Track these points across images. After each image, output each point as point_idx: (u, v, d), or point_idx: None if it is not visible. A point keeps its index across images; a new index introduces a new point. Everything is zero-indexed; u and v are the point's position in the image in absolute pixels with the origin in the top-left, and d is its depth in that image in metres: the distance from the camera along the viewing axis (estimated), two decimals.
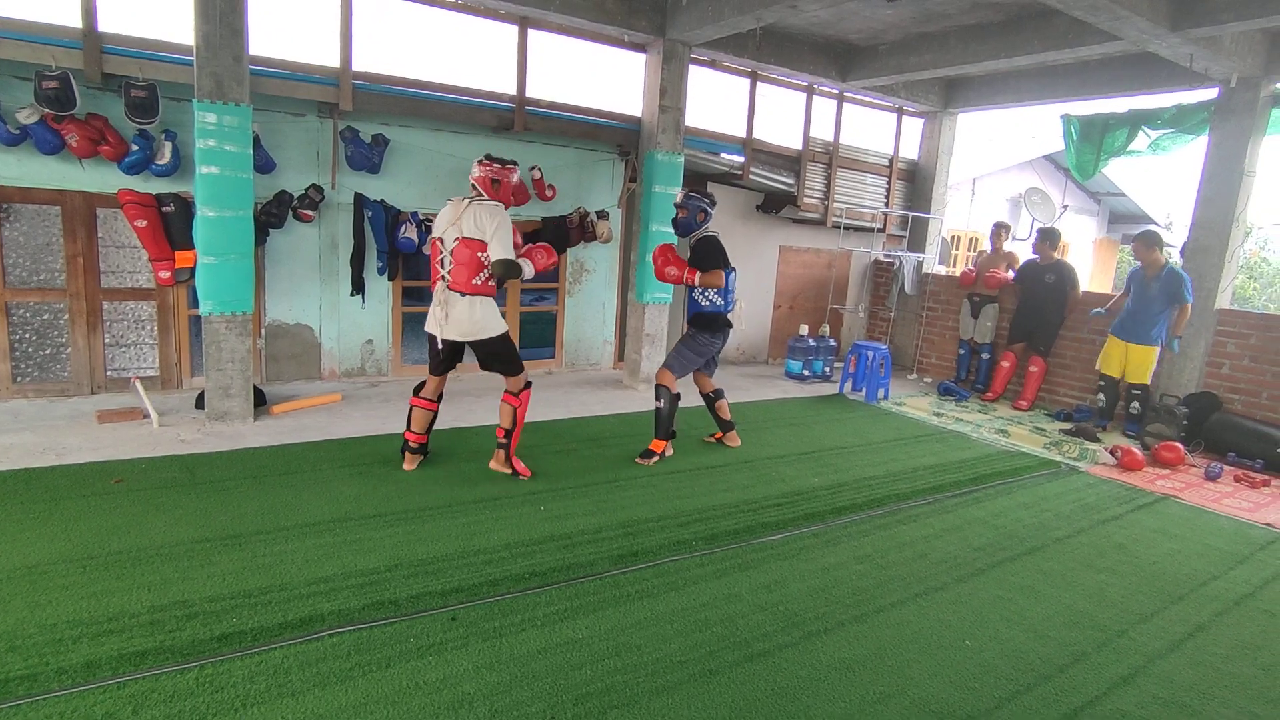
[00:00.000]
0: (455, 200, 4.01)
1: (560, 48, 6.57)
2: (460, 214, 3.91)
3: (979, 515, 4.22)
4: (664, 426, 4.74)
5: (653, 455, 4.72)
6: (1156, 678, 2.72)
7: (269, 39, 5.22)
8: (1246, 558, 3.90)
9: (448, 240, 3.95)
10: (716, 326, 4.78)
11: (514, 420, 4.19)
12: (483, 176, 3.98)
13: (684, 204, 4.71)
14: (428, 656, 2.50)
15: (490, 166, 3.98)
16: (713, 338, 4.79)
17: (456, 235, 3.90)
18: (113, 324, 5.36)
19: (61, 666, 2.30)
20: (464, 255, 3.89)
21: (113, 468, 3.97)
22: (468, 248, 3.88)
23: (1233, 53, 5.59)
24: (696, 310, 4.76)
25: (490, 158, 4.02)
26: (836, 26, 6.81)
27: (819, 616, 2.96)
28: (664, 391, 4.71)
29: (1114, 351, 6.24)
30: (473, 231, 3.86)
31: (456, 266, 3.92)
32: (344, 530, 3.41)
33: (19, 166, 4.83)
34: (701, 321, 4.77)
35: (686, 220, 4.70)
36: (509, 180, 4.03)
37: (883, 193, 8.90)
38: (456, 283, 3.93)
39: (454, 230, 3.92)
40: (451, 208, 3.98)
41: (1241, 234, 6.26)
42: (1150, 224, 13.84)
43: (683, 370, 4.78)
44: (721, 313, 4.76)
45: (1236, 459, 5.62)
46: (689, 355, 4.78)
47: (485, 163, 4.00)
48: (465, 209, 3.91)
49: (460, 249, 3.89)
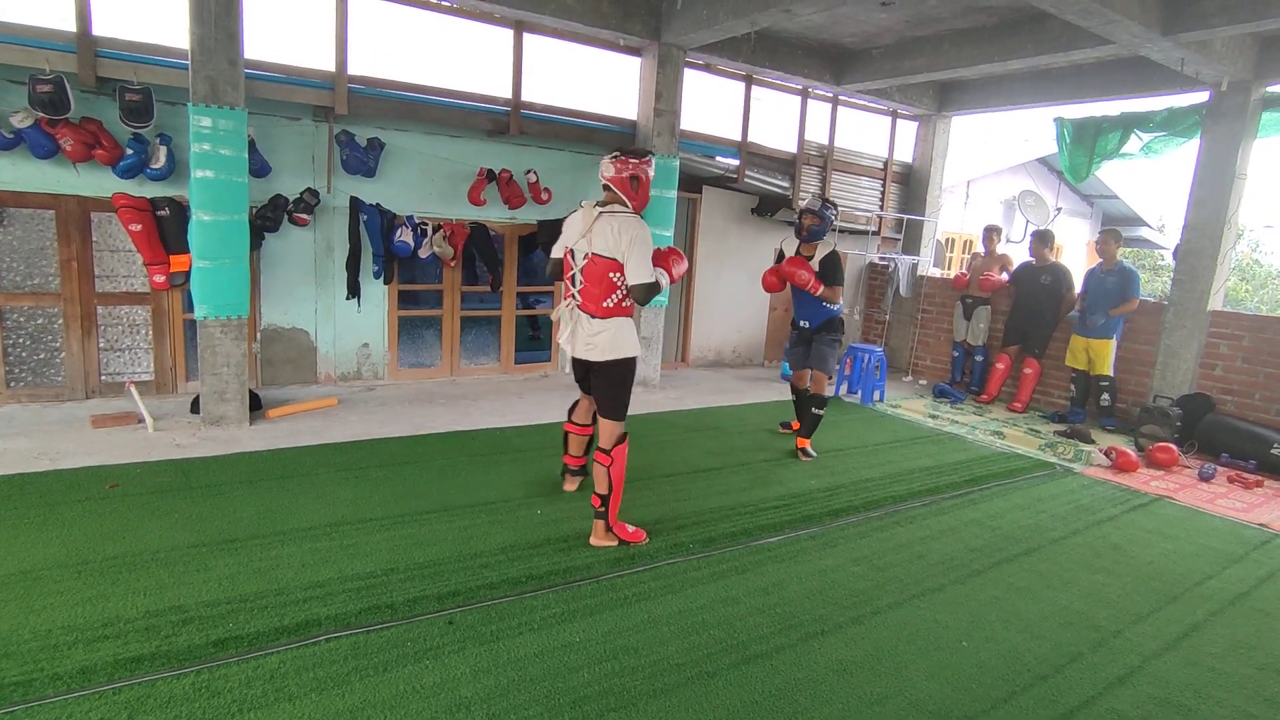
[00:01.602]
0: (587, 206, 3.42)
1: (556, 51, 6.58)
2: (591, 225, 3.34)
3: (975, 517, 4.23)
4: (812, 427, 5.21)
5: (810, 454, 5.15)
6: (1152, 678, 2.73)
7: (264, 43, 5.22)
8: (1241, 558, 3.92)
9: (578, 254, 3.41)
10: (841, 327, 5.21)
11: (609, 484, 3.42)
12: (617, 176, 3.35)
13: (819, 212, 4.92)
14: (425, 660, 2.50)
15: (627, 162, 3.35)
16: (840, 336, 5.20)
17: (587, 250, 3.36)
18: (107, 328, 5.34)
19: (56, 672, 2.29)
20: (595, 273, 3.35)
21: (107, 473, 3.95)
22: (599, 265, 3.33)
23: (1223, 57, 5.63)
24: (828, 315, 5.08)
25: (625, 151, 3.40)
26: (831, 30, 6.83)
27: (816, 618, 2.96)
28: (824, 402, 5.17)
29: (1076, 347, 6.66)
30: (604, 249, 3.30)
31: (587, 285, 3.39)
32: (340, 534, 3.40)
33: (13, 170, 4.82)
34: (836, 326, 5.13)
35: (819, 229, 4.93)
36: (649, 175, 3.42)
37: (877, 195, 8.93)
38: (587, 303, 3.41)
39: (584, 244, 3.37)
40: (582, 215, 3.41)
41: (1234, 236, 6.30)
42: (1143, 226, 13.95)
43: (833, 371, 5.32)
44: (839, 314, 5.14)
45: (1230, 460, 5.65)
46: (835, 356, 5.20)
47: (620, 159, 3.35)
48: (596, 220, 3.33)
49: (591, 267, 3.36)
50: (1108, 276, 6.47)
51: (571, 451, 4.14)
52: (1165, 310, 6.38)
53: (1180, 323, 6.26)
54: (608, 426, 3.50)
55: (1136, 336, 6.60)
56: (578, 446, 4.13)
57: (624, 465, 3.47)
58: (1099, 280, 6.53)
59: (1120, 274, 6.44)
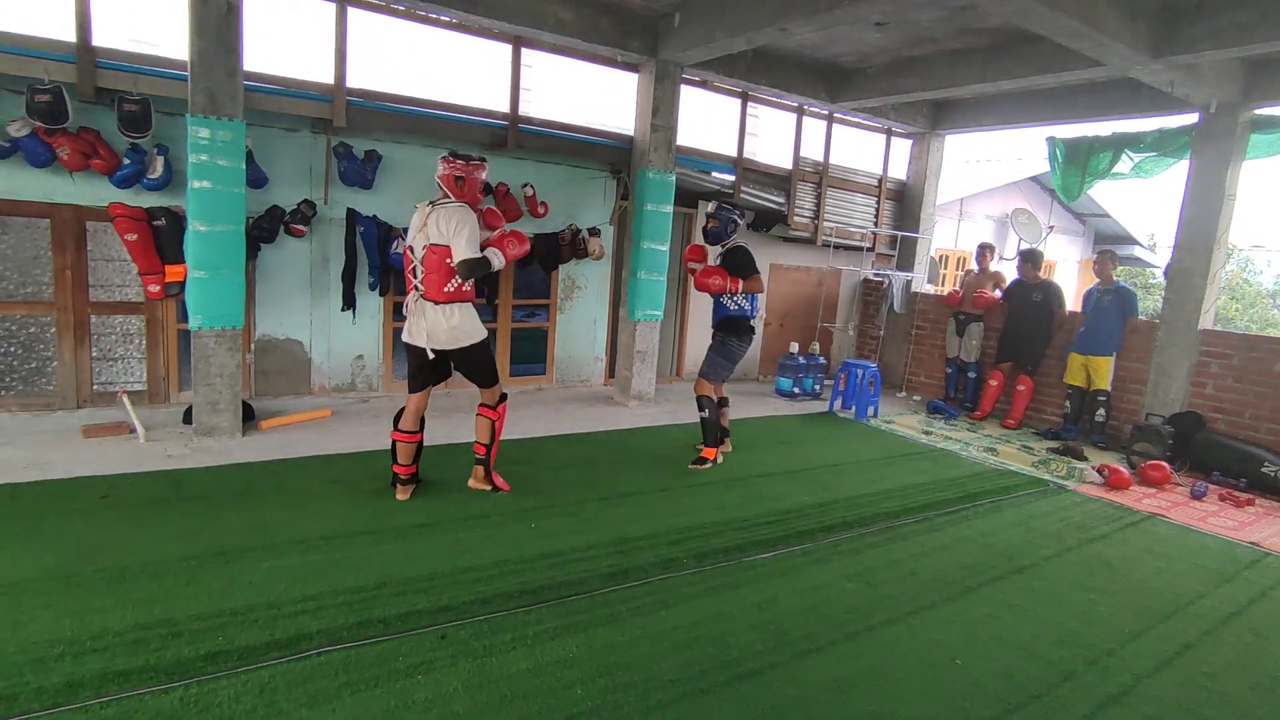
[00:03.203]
0: (421, 205, 3.88)
1: (554, 67, 6.66)
2: (425, 220, 3.78)
3: (968, 533, 4.24)
4: (712, 433, 4.93)
5: (706, 462, 4.91)
6: (1145, 697, 2.73)
7: (264, 55, 5.25)
8: (1232, 576, 3.93)
9: (417, 248, 3.83)
10: (743, 331, 4.92)
11: (491, 434, 4.15)
12: (446, 174, 3.81)
13: (716, 214, 4.91)
14: (417, 675, 2.48)
15: (454, 164, 3.81)
16: (740, 342, 4.92)
17: (424, 242, 3.77)
18: (100, 337, 5.32)
19: (42, 686, 2.26)
20: (433, 262, 3.76)
21: (98, 483, 3.92)
22: (435, 254, 3.74)
23: (1211, 80, 5.72)
24: (724, 315, 4.89)
25: (454, 154, 3.85)
26: (826, 49, 6.91)
27: (809, 635, 2.96)
28: (705, 401, 4.89)
29: (1075, 364, 6.74)
30: (437, 237, 3.72)
31: (428, 275, 3.79)
32: (332, 548, 3.38)
33: (9, 179, 4.81)
34: (729, 326, 4.91)
35: (718, 230, 4.91)
36: (474, 177, 3.84)
37: (872, 212, 9.00)
38: (429, 292, 3.79)
39: (421, 238, 3.79)
40: (418, 214, 3.86)
41: (1223, 256, 6.37)
42: (1135, 244, 14.07)
43: (718, 377, 4.96)
44: (747, 317, 4.90)
45: (1221, 478, 5.67)
46: (721, 362, 4.92)
47: (449, 160, 3.83)
48: (429, 214, 3.77)
49: (429, 256, 3.76)
50: (1104, 296, 6.63)
51: (400, 460, 4.04)
52: (1156, 329, 6.44)
53: (1171, 341, 6.30)
54: (487, 393, 4.11)
55: (1129, 354, 6.65)
56: (406, 455, 4.03)
57: (504, 420, 4.18)
58: (1096, 300, 6.67)
59: (1117, 294, 6.61)
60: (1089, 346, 6.61)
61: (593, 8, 5.95)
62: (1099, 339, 6.57)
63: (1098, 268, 6.78)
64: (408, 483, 4.09)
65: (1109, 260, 6.77)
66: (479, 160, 3.89)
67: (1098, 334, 6.58)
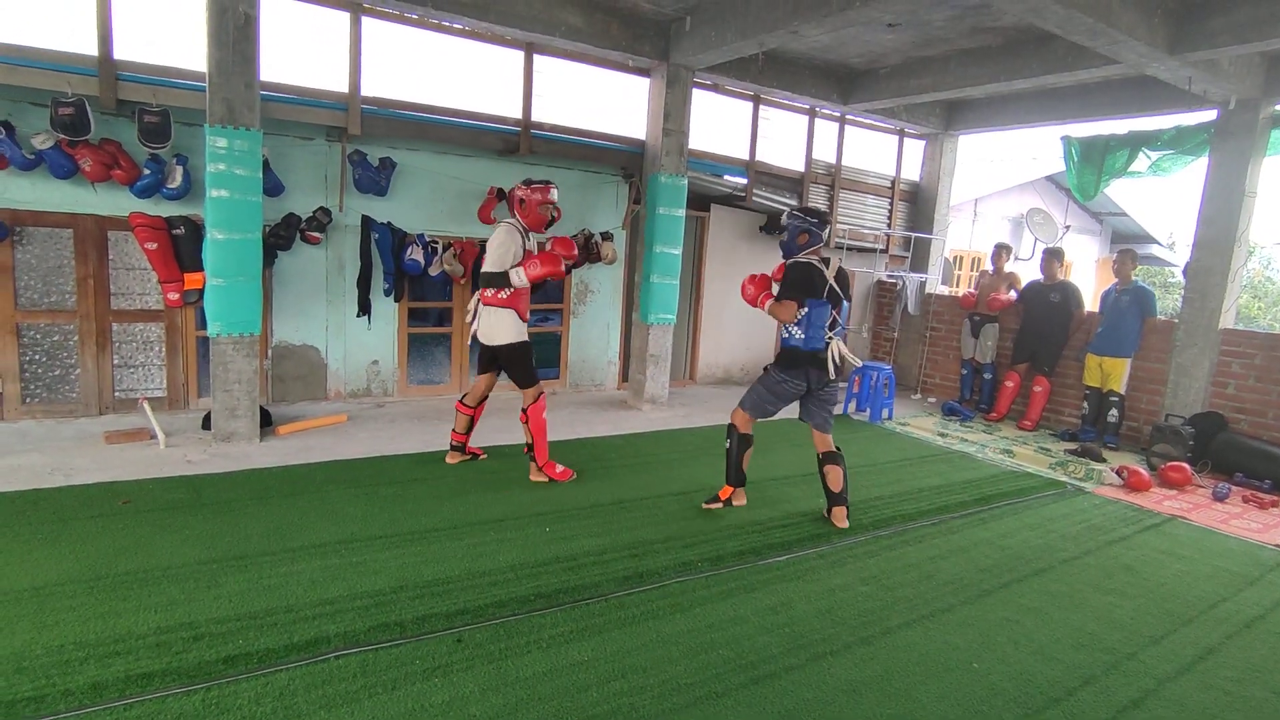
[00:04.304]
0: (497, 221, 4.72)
1: (565, 72, 6.67)
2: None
3: (985, 536, 4.20)
4: (732, 471, 4.31)
5: (717, 501, 4.32)
6: (1167, 701, 2.70)
7: (280, 64, 5.32)
8: (1256, 579, 3.87)
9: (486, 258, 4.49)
10: (793, 363, 4.06)
11: (531, 434, 4.55)
12: (512, 195, 4.45)
13: (785, 224, 4.15)
14: (433, 679, 2.50)
15: (519, 187, 4.42)
16: (787, 375, 4.08)
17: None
18: (121, 345, 5.40)
19: (68, 688, 2.30)
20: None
21: (120, 488, 3.99)
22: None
23: (1231, 75, 5.65)
24: (782, 344, 4.24)
25: (528, 181, 4.46)
26: (837, 51, 6.90)
27: (825, 638, 2.95)
28: (731, 431, 4.28)
29: (1091, 365, 6.68)
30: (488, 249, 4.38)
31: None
32: (350, 551, 3.41)
33: (33, 190, 4.91)
34: (779, 355, 4.25)
35: (785, 243, 4.16)
36: (532, 199, 4.39)
37: (885, 213, 8.96)
38: (484, 297, 4.44)
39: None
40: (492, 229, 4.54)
41: (1244, 254, 6.28)
42: (1153, 243, 13.91)
43: (755, 410, 4.22)
44: (801, 348, 4.03)
45: (1244, 479, 5.59)
46: (760, 392, 4.20)
47: (520, 184, 4.44)
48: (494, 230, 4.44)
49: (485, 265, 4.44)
50: (1122, 296, 6.53)
51: (456, 429, 4.76)
52: (1176, 328, 6.36)
53: (1191, 341, 6.22)
54: (525, 395, 4.54)
55: (1148, 355, 6.57)
56: (461, 424, 4.74)
57: (541, 419, 4.52)
58: (1114, 300, 6.58)
59: (1135, 293, 6.51)
60: (1106, 348, 6.55)
61: (604, 13, 5.98)
62: (1116, 340, 6.49)
63: (1117, 267, 6.68)
64: (456, 449, 4.79)
65: (1128, 259, 6.66)
66: (541, 184, 4.43)
67: (1115, 335, 6.50)
